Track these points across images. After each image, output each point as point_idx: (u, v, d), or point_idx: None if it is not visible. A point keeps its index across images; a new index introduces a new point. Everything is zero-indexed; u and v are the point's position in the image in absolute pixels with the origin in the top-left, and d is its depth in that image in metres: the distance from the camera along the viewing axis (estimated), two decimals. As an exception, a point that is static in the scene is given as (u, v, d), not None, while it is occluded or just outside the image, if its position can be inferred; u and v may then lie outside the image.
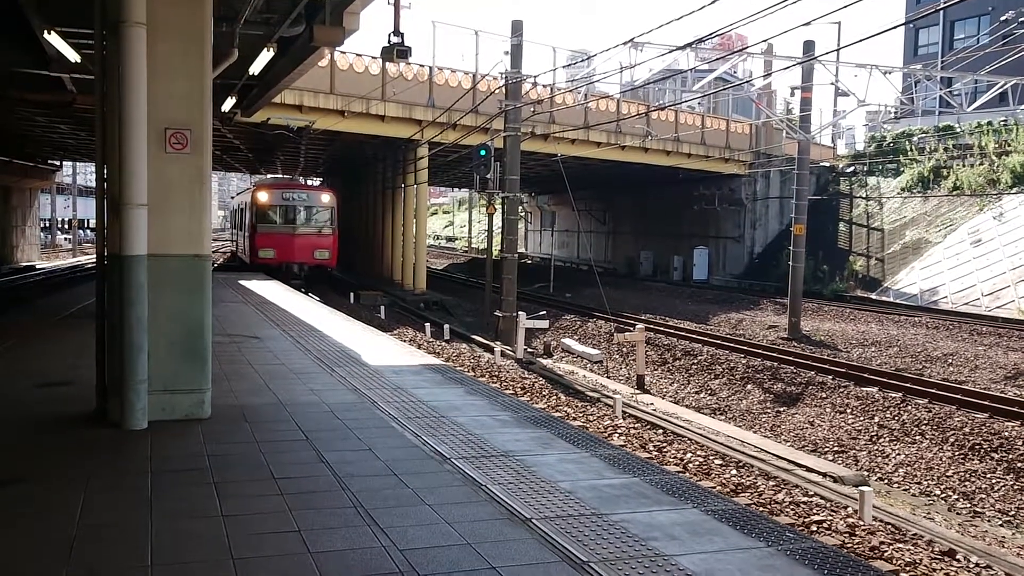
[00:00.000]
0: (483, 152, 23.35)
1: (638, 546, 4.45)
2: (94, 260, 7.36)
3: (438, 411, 7.48)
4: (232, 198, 33.94)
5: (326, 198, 28.39)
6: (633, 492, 5.40)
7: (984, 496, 11.40)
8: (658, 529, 4.71)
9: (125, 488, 5.16)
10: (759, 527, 4.81)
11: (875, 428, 14.34)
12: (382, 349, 10.93)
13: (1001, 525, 10.48)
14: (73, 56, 14.83)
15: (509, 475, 5.62)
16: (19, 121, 28.26)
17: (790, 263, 25.61)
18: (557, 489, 5.35)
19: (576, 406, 13.29)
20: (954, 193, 33.73)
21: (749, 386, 17.81)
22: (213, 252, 6.97)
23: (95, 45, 6.93)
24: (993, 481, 11.80)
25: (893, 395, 15.58)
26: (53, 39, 13.76)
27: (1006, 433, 13.05)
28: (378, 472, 5.64)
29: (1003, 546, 9.54)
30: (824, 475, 11.20)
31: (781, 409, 16.17)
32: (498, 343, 20.64)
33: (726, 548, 4.48)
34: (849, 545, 8.66)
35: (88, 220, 66.78)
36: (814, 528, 9.23)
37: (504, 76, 23.51)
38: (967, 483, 11.83)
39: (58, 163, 48.25)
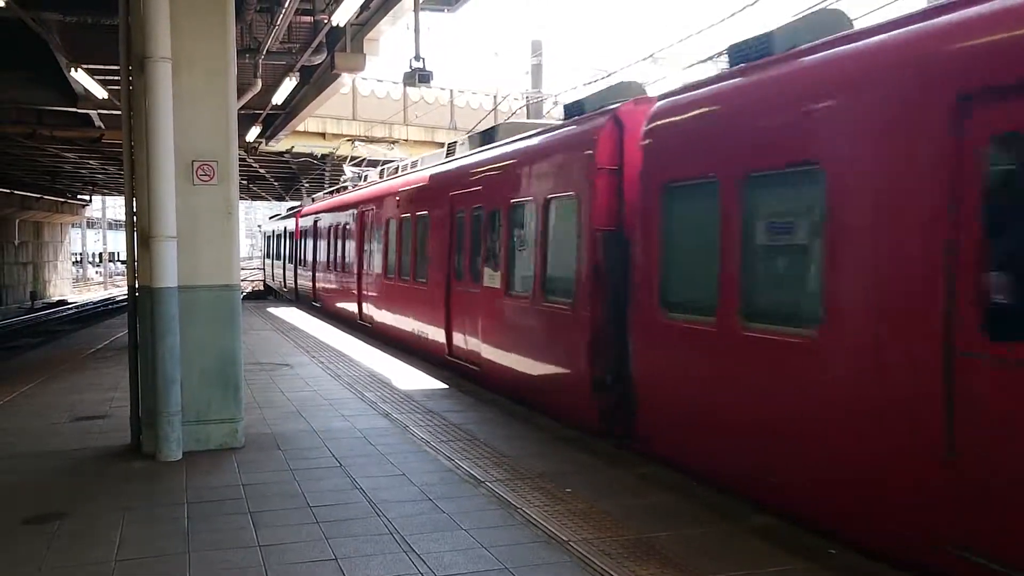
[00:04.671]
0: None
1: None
2: (125, 293, 7.42)
3: (471, 433, 7.44)
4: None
5: None
6: (672, 509, 5.32)
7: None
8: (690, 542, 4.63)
9: (162, 520, 5.17)
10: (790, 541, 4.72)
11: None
12: (412, 373, 10.93)
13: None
14: (100, 92, 15.09)
15: (545, 497, 5.56)
16: (49, 158, 28.71)
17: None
18: (594, 509, 5.28)
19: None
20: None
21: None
22: (242, 281, 7.03)
23: (121, 81, 7.03)
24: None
25: None
26: (80, 76, 14.02)
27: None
28: (413, 497, 5.61)
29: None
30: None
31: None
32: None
33: (767, 565, 4.40)
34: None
35: (118, 252, 67.65)
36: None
37: (525, 96, 23.58)
38: None
39: (88, 198, 48.94)
